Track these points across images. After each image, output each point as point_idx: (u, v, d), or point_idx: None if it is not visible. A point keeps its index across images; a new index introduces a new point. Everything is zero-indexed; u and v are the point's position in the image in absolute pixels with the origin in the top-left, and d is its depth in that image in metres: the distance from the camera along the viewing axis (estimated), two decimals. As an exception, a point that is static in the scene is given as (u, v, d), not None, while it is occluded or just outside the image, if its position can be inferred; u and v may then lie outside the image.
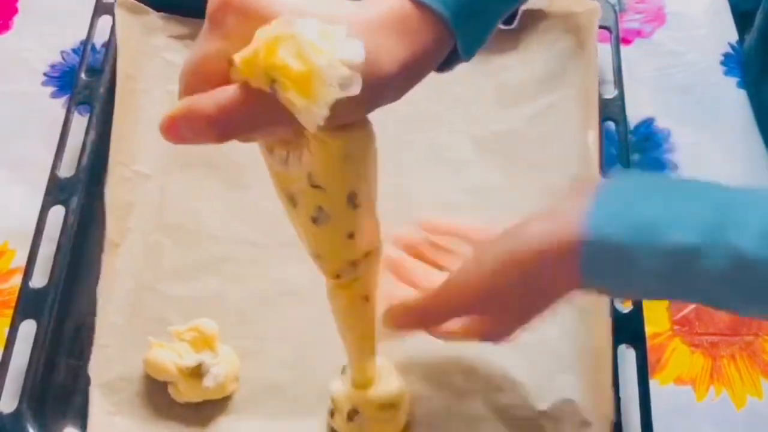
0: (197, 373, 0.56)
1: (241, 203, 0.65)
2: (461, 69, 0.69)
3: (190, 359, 0.56)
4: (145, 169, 0.66)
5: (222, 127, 0.34)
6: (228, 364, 0.57)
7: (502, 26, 0.71)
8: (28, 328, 0.58)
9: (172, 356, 0.56)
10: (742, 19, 0.49)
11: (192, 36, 0.72)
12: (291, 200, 0.41)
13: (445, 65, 0.39)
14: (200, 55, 0.35)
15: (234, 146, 0.65)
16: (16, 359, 0.57)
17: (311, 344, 0.59)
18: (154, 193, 0.65)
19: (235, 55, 0.34)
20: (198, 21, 0.71)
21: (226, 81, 0.34)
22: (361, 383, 0.53)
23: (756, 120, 0.67)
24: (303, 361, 0.58)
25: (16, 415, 0.55)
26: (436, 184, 0.65)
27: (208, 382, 0.55)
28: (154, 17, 0.71)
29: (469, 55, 0.39)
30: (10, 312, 0.59)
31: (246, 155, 0.66)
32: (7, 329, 0.58)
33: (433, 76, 0.40)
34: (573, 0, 0.70)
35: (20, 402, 0.56)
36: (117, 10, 0.69)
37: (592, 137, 0.64)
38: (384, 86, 0.35)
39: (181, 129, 0.35)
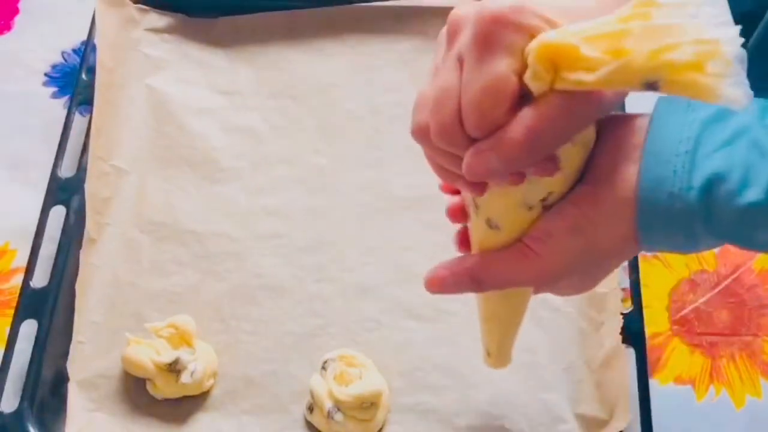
0: (175, 369, 0.56)
1: (219, 198, 0.65)
2: None
3: (168, 355, 0.56)
4: (123, 165, 0.66)
5: (532, 147, 0.33)
6: (205, 360, 0.57)
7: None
8: (28, 328, 0.58)
9: (149, 353, 0.56)
10: (743, 19, 0.49)
11: (170, 29, 0.72)
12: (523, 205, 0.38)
13: None
14: (491, 82, 0.33)
15: (211, 141, 0.67)
16: (16, 359, 0.57)
17: (289, 339, 0.59)
18: (131, 188, 0.65)
19: (538, 54, 0.32)
20: (176, 15, 0.72)
21: (516, 97, 0.33)
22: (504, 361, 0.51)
23: None
24: (281, 356, 0.58)
25: (17, 414, 0.56)
26: (414, 176, 0.65)
27: (185, 378, 0.56)
28: (131, 10, 0.71)
29: None
30: (10, 312, 0.59)
31: (223, 150, 0.67)
32: (7, 329, 0.58)
33: (412, 64, 0.39)
34: None
35: (21, 401, 0.56)
36: (96, 3, 0.69)
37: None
38: None
39: (489, 161, 0.34)
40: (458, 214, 0.42)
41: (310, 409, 0.56)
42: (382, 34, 0.72)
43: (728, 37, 0.29)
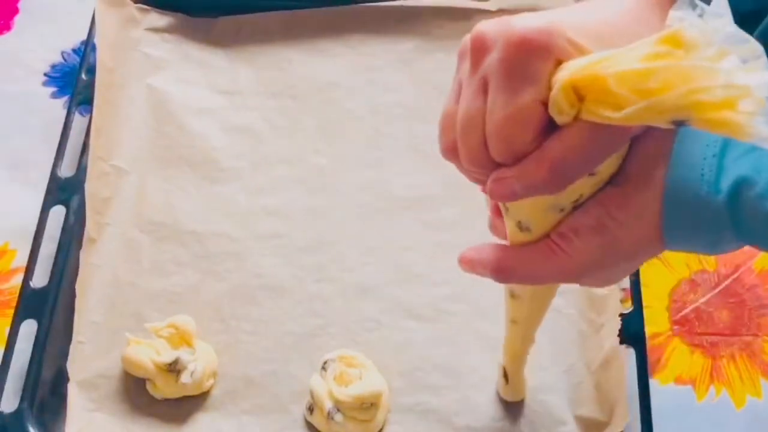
0: (174, 369, 0.56)
1: (219, 198, 0.65)
2: (443, 60, 0.70)
3: (167, 356, 0.56)
4: (123, 164, 0.66)
5: (556, 178, 0.33)
6: (205, 360, 0.57)
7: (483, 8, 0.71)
8: (28, 328, 0.58)
9: (149, 353, 0.56)
10: (743, 19, 0.49)
11: (170, 29, 0.72)
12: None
13: None
14: (517, 110, 0.32)
15: (211, 141, 0.67)
16: (16, 359, 0.57)
17: (289, 339, 0.59)
18: (131, 188, 0.65)
19: (564, 89, 0.31)
20: (176, 14, 0.72)
21: (541, 125, 0.33)
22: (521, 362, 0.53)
23: None
24: (281, 356, 0.58)
25: (17, 414, 0.55)
26: (414, 176, 0.65)
27: (185, 378, 0.56)
28: (132, 9, 0.71)
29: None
30: (10, 312, 0.59)
31: (223, 150, 0.67)
32: (7, 329, 0.58)
33: (412, 64, 0.38)
34: (565, 5, 0.70)
35: (21, 401, 0.56)
36: (96, 2, 0.69)
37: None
38: None
39: (512, 187, 0.34)
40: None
41: (310, 409, 0.55)
42: (383, 34, 0.72)
43: (759, 83, 0.28)
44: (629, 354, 0.56)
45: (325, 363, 0.56)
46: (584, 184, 0.36)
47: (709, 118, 0.29)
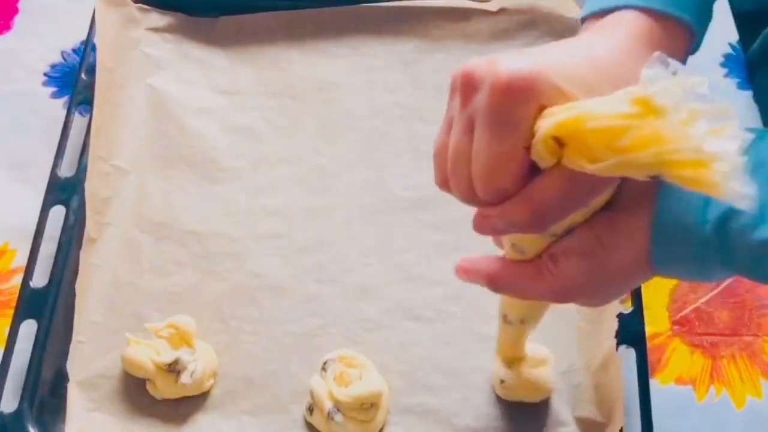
0: (174, 369, 0.56)
1: (219, 198, 0.65)
2: (443, 60, 0.70)
3: (167, 356, 0.56)
4: (123, 164, 0.66)
5: (537, 220, 0.34)
6: (205, 360, 0.57)
7: (483, 8, 0.71)
8: (28, 328, 0.58)
9: (149, 353, 0.56)
10: (743, 19, 0.49)
11: (170, 29, 0.72)
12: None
13: None
14: (500, 154, 0.33)
15: (211, 141, 0.67)
16: (16, 359, 0.57)
17: (289, 339, 0.59)
18: (132, 188, 0.65)
19: (543, 140, 0.32)
20: (176, 14, 0.72)
21: (524, 169, 0.33)
22: (515, 359, 0.53)
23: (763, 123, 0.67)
24: (281, 356, 0.58)
25: (17, 415, 0.55)
26: (414, 177, 0.65)
27: (185, 378, 0.56)
28: (132, 9, 0.71)
29: (696, 50, 0.39)
30: (10, 312, 0.59)
31: (223, 150, 0.67)
32: (7, 329, 0.58)
33: (413, 65, 0.39)
34: (564, 5, 0.70)
35: (21, 402, 0.56)
36: (96, 2, 0.69)
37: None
38: None
39: (495, 224, 0.35)
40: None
41: (310, 409, 0.55)
42: (383, 34, 0.72)
43: (728, 151, 0.29)
44: (629, 354, 0.56)
45: (325, 363, 0.56)
46: (576, 214, 0.37)
47: (683, 175, 0.29)
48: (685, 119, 0.29)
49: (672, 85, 0.29)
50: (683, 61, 0.38)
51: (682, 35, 0.37)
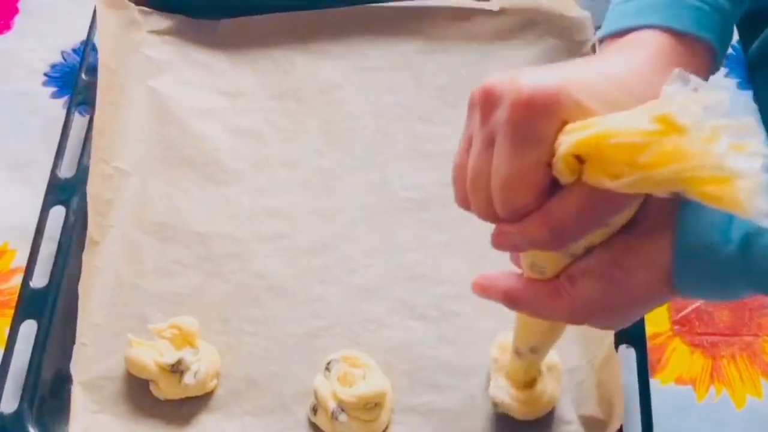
0: (177, 370, 0.56)
1: (222, 200, 0.65)
2: (445, 60, 0.70)
3: (170, 356, 0.56)
4: (125, 166, 0.66)
5: (556, 238, 0.34)
6: (208, 360, 0.57)
7: (484, 8, 0.71)
8: (28, 328, 0.58)
9: (152, 354, 0.56)
10: (744, 19, 0.49)
11: (172, 31, 0.72)
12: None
13: None
14: (520, 170, 0.33)
15: (214, 143, 0.67)
16: (16, 359, 0.57)
17: (292, 340, 0.59)
18: (134, 189, 0.65)
19: (564, 157, 0.32)
20: (178, 16, 0.72)
21: (544, 185, 0.33)
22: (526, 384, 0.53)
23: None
24: (284, 357, 0.58)
25: (17, 415, 0.55)
26: (417, 177, 0.65)
27: (188, 379, 0.56)
28: (134, 11, 0.71)
29: (718, 69, 0.39)
30: (10, 312, 0.59)
31: (226, 151, 0.67)
32: (7, 329, 0.58)
33: (414, 66, 0.38)
34: (565, 4, 0.70)
35: (21, 402, 0.56)
36: (97, 4, 0.69)
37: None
38: None
39: (514, 240, 0.35)
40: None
41: (314, 410, 0.55)
42: (385, 35, 0.72)
43: (751, 169, 0.29)
44: (630, 354, 0.56)
45: (328, 363, 0.56)
46: (596, 234, 0.36)
47: (706, 192, 0.29)
48: (707, 136, 0.29)
49: (692, 102, 0.29)
50: (705, 80, 0.37)
51: (704, 54, 0.37)
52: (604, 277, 0.37)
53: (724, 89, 0.32)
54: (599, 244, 0.37)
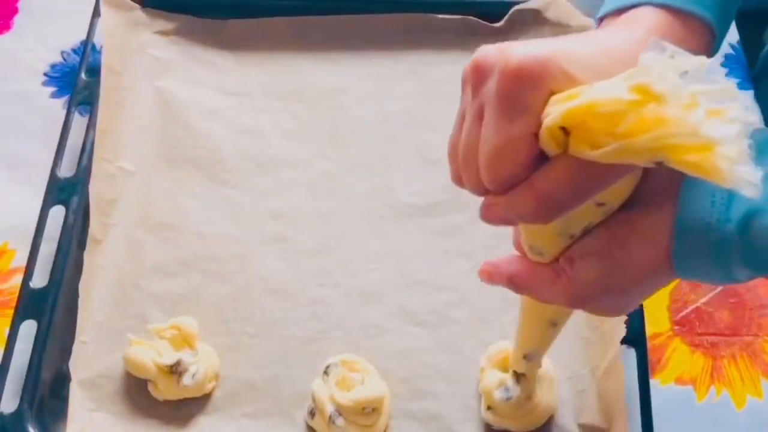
0: (176, 371, 0.56)
1: (225, 200, 0.65)
2: (453, 72, 0.70)
3: (169, 357, 0.56)
4: (129, 166, 0.66)
5: (544, 209, 0.33)
6: (207, 362, 0.57)
7: (490, 25, 0.71)
8: (28, 328, 0.58)
9: (151, 354, 0.56)
10: (745, 19, 0.49)
11: (178, 32, 0.72)
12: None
13: None
14: (507, 140, 0.32)
15: (218, 143, 0.67)
16: (16, 359, 0.57)
17: (292, 343, 0.59)
18: (137, 189, 0.65)
19: (549, 129, 0.31)
20: (184, 17, 0.72)
21: (531, 156, 0.33)
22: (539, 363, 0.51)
23: None
24: (283, 360, 0.58)
25: (17, 415, 0.55)
26: (420, 183, 0.65)
27: (186, 380, 0.56)
28: (139, 13, 0.72)
29: (716, 52, 0.39)
30: (10, 312, 0.59)
31: (230, 152, 0.67)
32: (7, 329, 0.58)
33: (422, 75, 0.38)
34: (568, 10, 0.70)
35: (21, 402, 0.56)
36: (101, 6, 0.69)
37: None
38: None
39: (502, 213, 0.34)
40: None
41: (312, 413, 0.55)
42: (393, 45, 0.72)
43: (728, 135, 0.28)
44: (630, 354, 0.56)
45: (327, 367, 0.56)
46: (593, 213, 0.36)
47: (686, 160, 0.29)
48: (686, 103, 0.29)
49: (669, 69, 0.29)
50: None
51: (702, 33, 0.37)
52: (603, 256, 0.37)
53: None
54: (599, 224, 0.37)
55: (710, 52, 0.38)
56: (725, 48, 0.72)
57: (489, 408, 0.54)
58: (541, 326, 0.46)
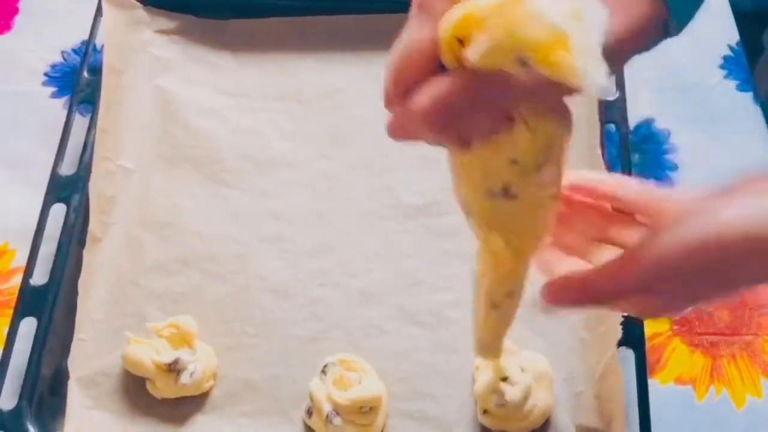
0: (174, 369, 0.56)
1: (224, 200, 0.65)
2: None
3: (167, 356, 0.56)
4: (129, 164, 0.66)
5: (440, 111, 0.32)
6: (205, 361, 0.57)
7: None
8: (28, 326, 0.58)
9: (149, 352, 0.56)
10: (745, 19, 0.49)
11: (179, 31, 0.72)
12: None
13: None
14: (409, 45, 0.33)
15: (217, 143, 0.67)
16: (16, 357, 0.57)
17: (291, 343, 0.59)
18: (137, 188, 0.65)
19: (444, 40, 0.31)
20: (185, 16, 0.73)
21: (431, 64, 0.32)
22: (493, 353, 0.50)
23: None
24: (282, 359, 0.58)
25: (16, 412, 0.55)
26: (420, 183, 0.65)
27: (184, 378, 0.56)
28: (140, 12, 0.72)
29: (678, 30, 0.37)
30: (10, 312, 0.59)
31: (229, 152, 0.67)
32: (6, 327, 0.58)
33: None
34: None
35: (20, 399, 0.56)
36: (103, 4, 0.70)
37: (594, 138, 0.64)
38: None
39: (401, 120, 0.34)
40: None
41: (309, 412, 0.55)
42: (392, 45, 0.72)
43: (583, 32, 0.28)
44: (629, 354, 0.56)
45: (324, 366, 0.56)
46: (508, 170, 0.35)
47: (549, 60, 0.29)
48: (548, 3, 0.29)
49: None
50: (651, 35, 0.36)
51: (652, 2, 0.35)
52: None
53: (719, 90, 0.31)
54: (518, 189, 0.36)
55: (658, 24, 0.36)
56: (724, 50, 0.72)
57: (485, 412, 0.54)
58: (485, 309, 0.44)
